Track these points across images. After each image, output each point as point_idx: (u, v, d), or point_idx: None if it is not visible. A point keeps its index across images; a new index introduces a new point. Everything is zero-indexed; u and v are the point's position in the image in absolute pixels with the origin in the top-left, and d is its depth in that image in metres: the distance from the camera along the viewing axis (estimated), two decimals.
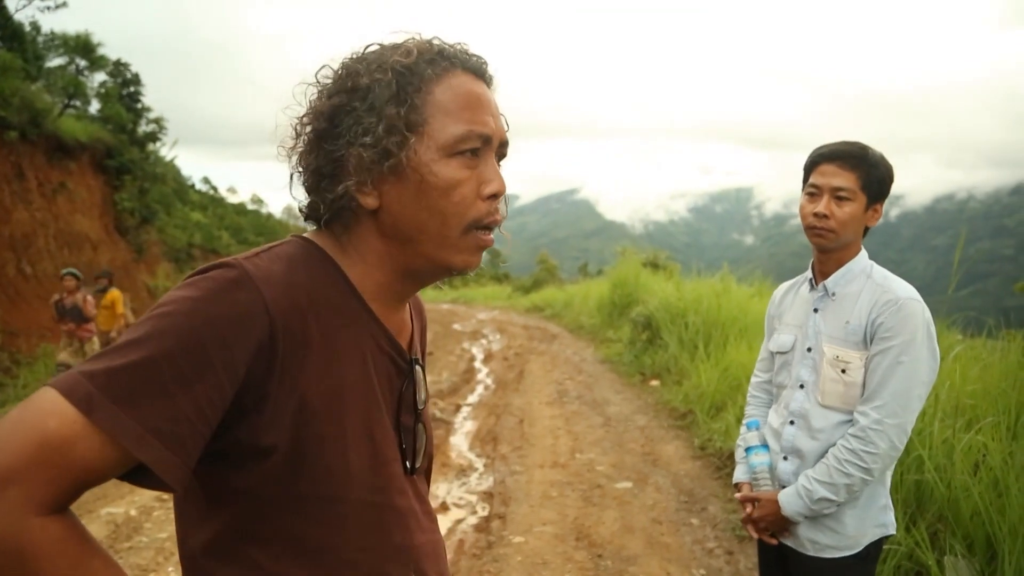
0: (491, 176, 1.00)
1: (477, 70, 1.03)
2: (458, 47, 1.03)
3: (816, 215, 1.99)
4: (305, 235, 1.04)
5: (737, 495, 2.20)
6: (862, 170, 1.97)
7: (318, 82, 1.01)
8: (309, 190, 1.01)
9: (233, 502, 0.93)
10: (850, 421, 1.98)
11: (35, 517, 0.77)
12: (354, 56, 1.01)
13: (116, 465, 0.81)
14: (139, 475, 0.85)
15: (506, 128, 1.06)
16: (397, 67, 0.96)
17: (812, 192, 2.02)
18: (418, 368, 1.10)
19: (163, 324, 0.83)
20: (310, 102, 1.00)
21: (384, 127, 0.94)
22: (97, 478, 0.82)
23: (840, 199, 1.97)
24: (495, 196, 1.01)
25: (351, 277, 1.01)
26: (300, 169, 1.01)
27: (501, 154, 1.06)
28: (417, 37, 1.02)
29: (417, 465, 1.09)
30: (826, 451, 2.00)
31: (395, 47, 1.00)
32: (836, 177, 1.97)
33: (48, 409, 0.79)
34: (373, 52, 1.00)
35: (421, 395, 1.10)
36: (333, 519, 0.95)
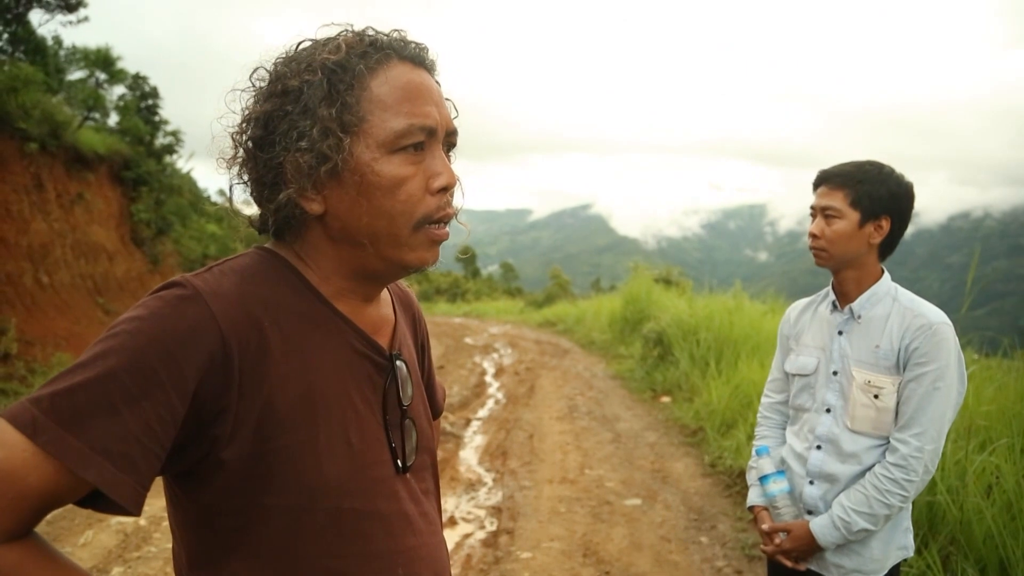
0: (439, 169, 0.96)
1: (415, 58, 0.98)
2: (394, 35, 0.98)
3: (810, 235, 2.08)
4: (266, 245, 1.02)
5: (764, 527, 2.13)
6: (850, 187, 2.00)
7: (253, 86, 0.97)
8: (256, 201, 0.99)
9: (209, 517, 0.92)
10: (880, 445, 1.97)
11: None
12: (285, 56, 0.97)
13: (71, 489, 0.81)
14: (99, 500, 0.84)
15: (454, 115, 1.02)
16: (327, 65, 0.92)
17: (812, 214, 2.10)
18: (400, 363, 1.06)
19: (110, 344, 0.82)
20: (244, 108, 0.97)
21: (318, 130, 0.91)
22: (54, 502, 0.81)
23: (828, 217, 2.03)
24: (445, 189, 0.97)
25: (312, 282, 0.98)
26: (244, 180, 0.98)
27: (450, 144, 1.01)
28: (349, 30, 0.98)
29: (409, 464, 1.05)
30: (860, 474, 1.98)
31: (325, 43, 0.95)
32: (825, 197, 2.04)
33: None
34: (304, 50, 0.96)
35: (407, 391, 1.07)
36: (310, 529, 0.93)
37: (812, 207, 2.08)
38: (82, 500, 0.84)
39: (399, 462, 1.03)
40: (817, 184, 2.09)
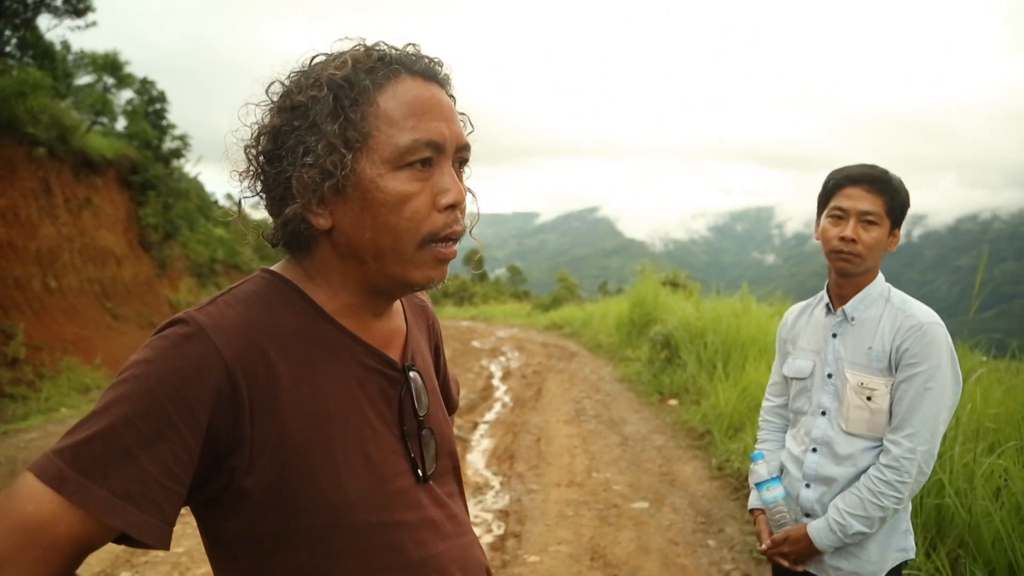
0: (447, 185, 0.95)
1: (426, 72, 0.97)
2: (405, 50, 0.97)
3: (843, 239, 1.96)
4: (271, 268, 1.02)
5: (767, 542, 2.13)
6: (888, 195, 1.95)
7: (270, 100, 0.97)
8: (269, 214, 0.99)
9: (240, 544, 0.93)
10: (875, 447, 1.96)
11: None
12: (298, 71, 0.97)
13: (101, 533, 0.83)
14: (130, 538, 0.86)
15: (467, 130, 1.01)
16: (334, 80, 0.92)
17: (837, 215, 1.99)
18: (414, 374, 1.06)
19: (121, 391, 0.85)
20: (257, 122, 0.97)
21: (323, 146, 0.91)
22: (87, 548, 0.84)
23: (868, 223, 1.95)
24: (453, 206, 0.96)
25: (318, 301, 0.98)
26: (257, 193, 0.99)
27: (462, 159, 1.00)
28: (361, 45, 0.97)
29: (429, 472, 1.05)
30: (856, 476, 1.97)
31: (333, 59, 0.95)
32: (863, 201, 1.95)
33: (26, 494, 0.81)
34: (316, 65, 0.96)
35: (423, 400, 1.07)
36: (339, 547, 0.94)
37: (841, 208, 1.97)
38: (115, 539, 0.87)
39: (419, 472, 1.04)
40: (844, 184, 1.98)
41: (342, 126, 0.91)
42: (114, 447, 0.82)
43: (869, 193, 1.95)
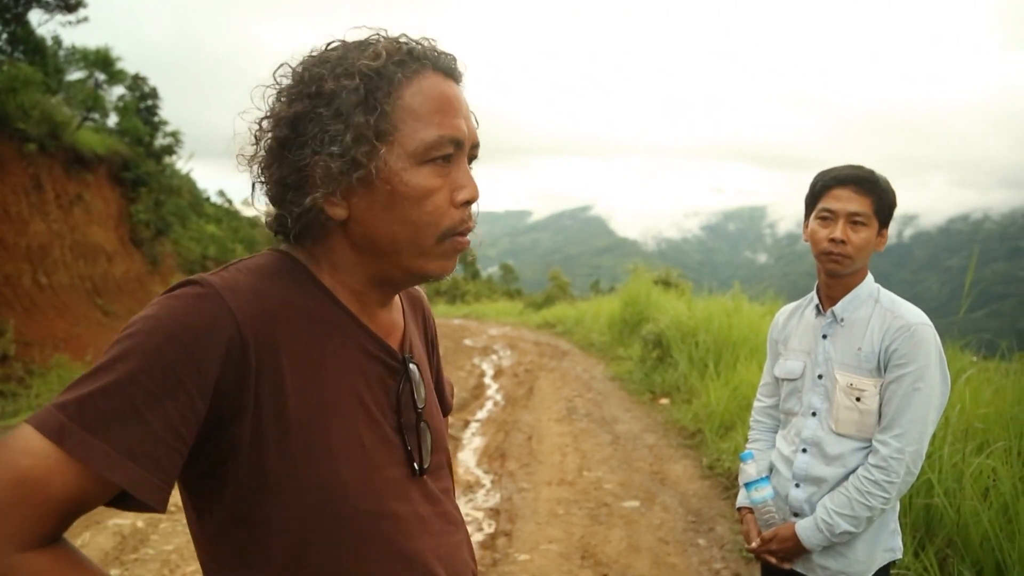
0: (464, 182, 0.96)
1: (447, 69, 0.98)
2: (427, 45, 0.98)
3: (833, 240, 1.96)
4: (281, 247, 1.01)
5: (756, 541, 2.13)
6: (876, 195, 1.96)
7: (276, 83, 0.96)
8: (274, 202, 0.97)
9: (228, 526, 0.92)
10: (865, 447, 1.97)
11: (17, 554, 0.78)
12: (316, 56, 0.95)
13: (98, 492, 0.81)
14: (125, 499, 0.85)
15: (476, 127, 1.02)
16: (365, 71, 0.91)
17: (826, 216, 1.99)
18: (413, 366, 1.06)
19: (128, 345, 0.83)
20: (270, 106, 0.95)
21: (352, 136, 0.90)
22: (82, 506, 0.82)
23: (856, 224, 1.96)
24: (468, 203, 0.97)
25: (327, 285, 0.98)
26: (263, 179, 0.97)
27: (473, 156, 1.01)
28: (382, 34, 0.97)
29: (426, 465, 1.05)
30: (845, 477, 1.98)
31: (361, 48, 0.94)
32: (851, 202, 1.95)
33: (22, 447, 0.79)
34: (336, 53, 0.95)
35: (420, 392, 1.06)
36: (328, 533, 0.93)
37: (829, 210, 1.98)
38: (111, 502, 0.85)
39: (416, 464, 1.03)
40: (832, 185, 1.99)
41: (377, 118, 0.91)
42: (119, 403, 0.80)
43: (857, 194, 1.96)
